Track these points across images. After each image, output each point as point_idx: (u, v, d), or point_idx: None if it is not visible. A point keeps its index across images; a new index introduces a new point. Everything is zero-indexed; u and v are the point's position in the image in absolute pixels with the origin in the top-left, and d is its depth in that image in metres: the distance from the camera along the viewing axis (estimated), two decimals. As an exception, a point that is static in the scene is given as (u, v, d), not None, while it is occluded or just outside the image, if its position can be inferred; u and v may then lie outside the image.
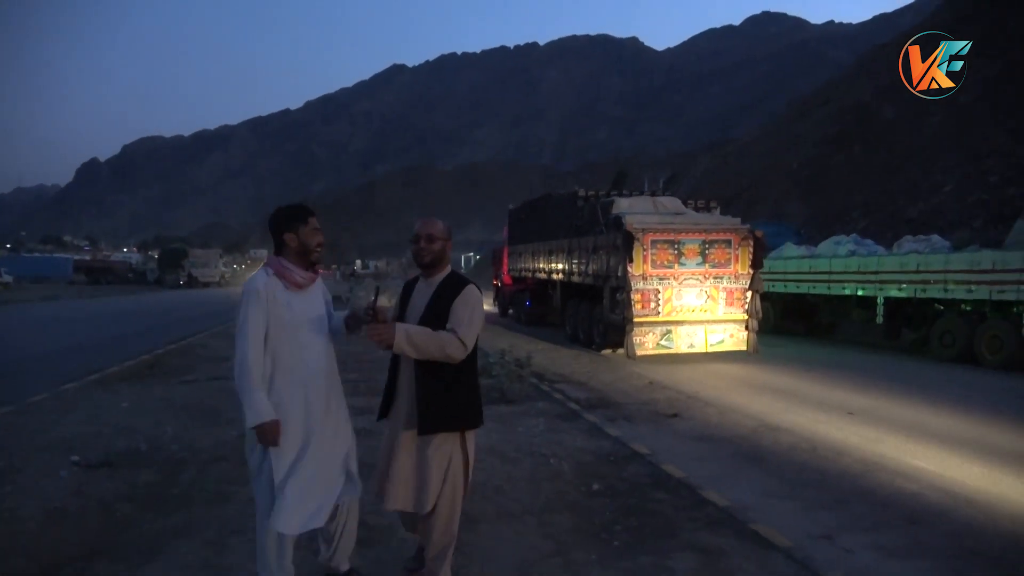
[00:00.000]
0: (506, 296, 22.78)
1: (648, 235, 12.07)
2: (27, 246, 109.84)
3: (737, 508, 4.64)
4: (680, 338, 12.33)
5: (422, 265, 3.25)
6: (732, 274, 12.40)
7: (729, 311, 12.39)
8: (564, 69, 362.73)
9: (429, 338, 3.00)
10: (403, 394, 3.19)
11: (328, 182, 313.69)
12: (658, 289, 12.14)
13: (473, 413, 3.25)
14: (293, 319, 3.11)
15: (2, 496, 4.63)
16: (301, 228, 3.17)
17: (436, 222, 3.28)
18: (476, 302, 3.18)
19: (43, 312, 25.33)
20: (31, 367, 11.23)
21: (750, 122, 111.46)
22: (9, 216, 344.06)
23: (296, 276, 3.15)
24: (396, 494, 3.12)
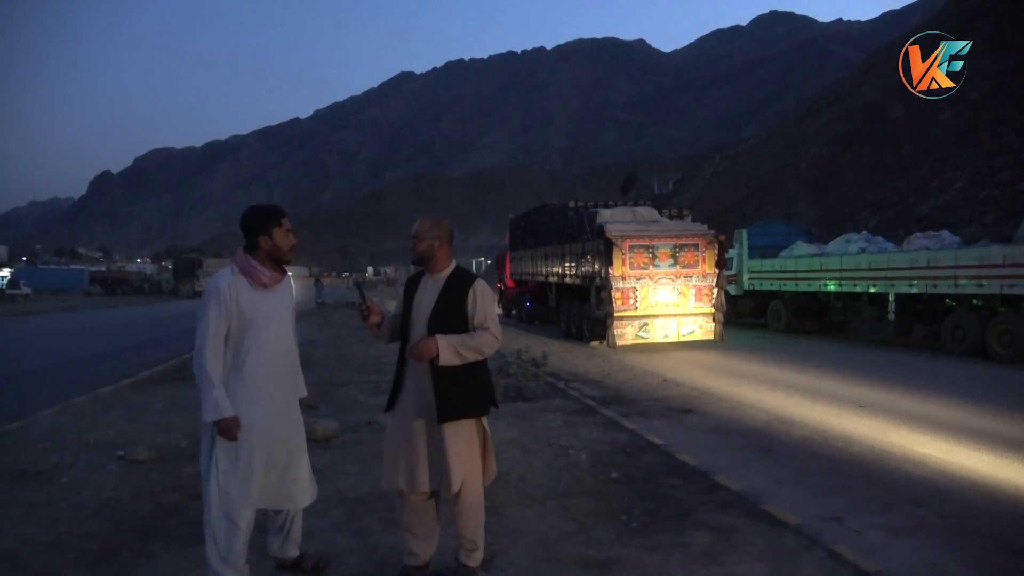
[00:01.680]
0: (509, 298, 24.51)
1: (626, 241, 13.97)
2: (43, 258, 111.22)
3: (749, 492, 4.88)
4: (656, 330, 14.17)
5: (413, 262, 3.39)
6: (700, 273, 14.27)
7: (698, 305, 14.25)
8: (571, 73, 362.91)
9: (470, 343, 3.15)
10: (414, 386, 3.27)
11: (338, 190, 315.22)
12: (636, 288, 14.00)
13: (487, 399, 3.37)
14: (257, 318, 3.13)
15: (59, 487, 4.94)
16: (275, 230, 3.20)
17: (425, 222, 3.36)
18: (490, 295, 3.38)
19: (65, 322, 25.83)
20: (64, 373, 11.60)
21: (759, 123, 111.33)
22: (24, 229, 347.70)
23: (262, 276, 3.17)
24: (421, 476, 3.22)
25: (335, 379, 9.80)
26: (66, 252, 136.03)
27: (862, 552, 3.83)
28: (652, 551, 3.90)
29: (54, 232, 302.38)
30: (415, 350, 3.12)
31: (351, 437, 6.37)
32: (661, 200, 62.45)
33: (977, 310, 12.83)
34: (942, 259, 13.26)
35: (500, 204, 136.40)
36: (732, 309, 20.41)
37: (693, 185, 58.32)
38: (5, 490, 4.89)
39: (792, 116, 58.18)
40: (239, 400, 3.10)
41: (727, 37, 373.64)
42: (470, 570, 3.45)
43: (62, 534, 4.12)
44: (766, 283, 18.88)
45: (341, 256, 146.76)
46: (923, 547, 4.13)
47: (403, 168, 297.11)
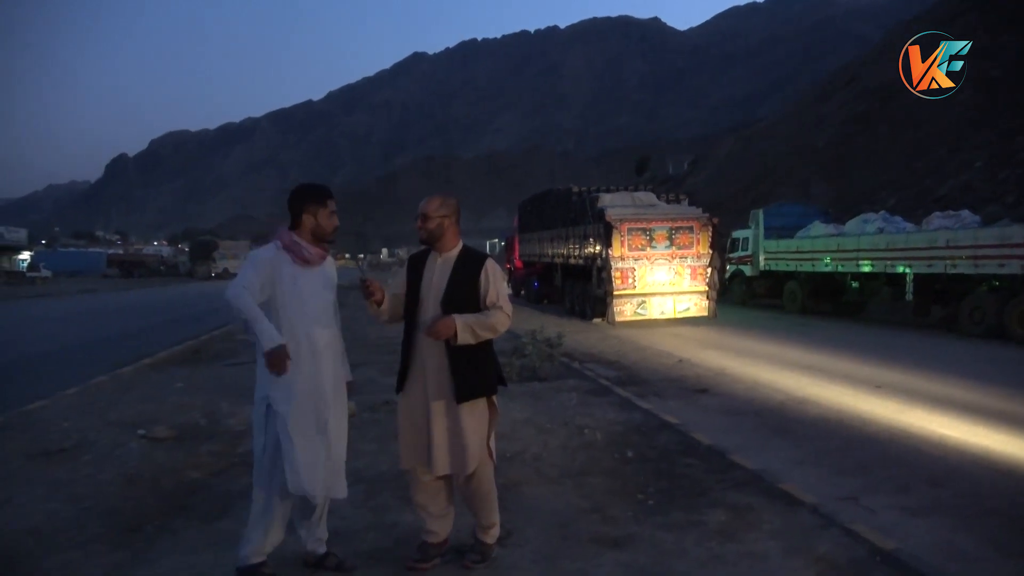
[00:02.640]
0: (518, 279, 25.45)
1: (624, 224, 14.80)
2: (61, 241, 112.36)
3: (765, 472, 4.87)
4: (653, 307, 15.09)
5: (421, 241, 3.35)
6: (695, 254, 15.13)
7: (693, 284, 15.17)
8: (585, 53, 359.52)
9: (484, 322, 3.15)
10: (425, 366, 3.24)
11: (350, 172, 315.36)
12: (634, 268, 14.86)
13: (498, 377, 3.40)
14: (298, 295, 3.12)
15: (83, 464, 5.04)
16: (320, 210, 3.20)
17: (434, 199, 3.32)
18: (501, 274, 3.36)
19: (84, 304, 26.14)
20: (84, 354, 11.77)
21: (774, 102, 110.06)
22: (43, 212, 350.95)
23: (305, 252, 3.15)
24: (444, 460, 3.21)
25: (350, 359, 9.84)
26: (84, 235, 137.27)
27: (878, 531, 3.83)
28: (668, 529, 3.92)
29: (72, 215, 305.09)
30: (433, 330, 3.09)
31: (368, 416, 6.42)
32: (675, 181, 62.00)
33: (996, 291, 12.67)
34: (961, 239, 13.10)
35: (513, 186, 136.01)
36: (747, 290, 20.35)
37: (708, 166, 57.83)
38: (30, 467, 4.98)
39: (808, 96, 57.45)
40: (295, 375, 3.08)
41: (744, 15, 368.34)
42: (487, 546, 3.47)
43: (86, 510, 4.20)
44: (782, 264, 18.74)
45: (355, 238, 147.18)
46: (939, 527, 4.12)
47: (415, 150, 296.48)
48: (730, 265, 21.41)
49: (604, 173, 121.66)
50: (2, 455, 5.23)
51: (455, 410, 3.18)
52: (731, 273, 21.39)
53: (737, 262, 20.97)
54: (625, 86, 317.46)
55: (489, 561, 3.45)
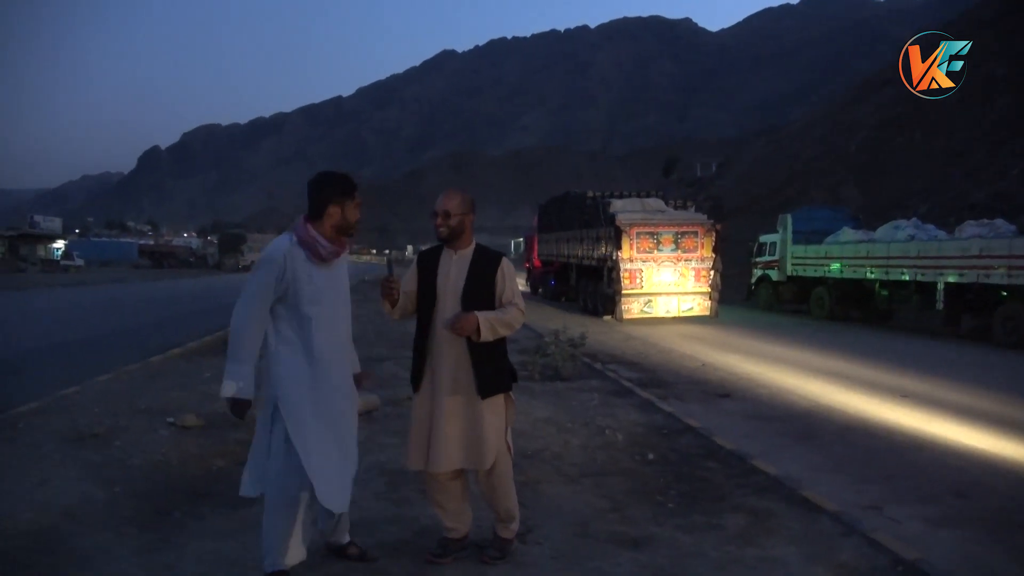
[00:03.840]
0: (536, 277, 26.78)
1: (634, 228, 16.00)
2: (94, 231, 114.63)
3: (786, 478, 4.85)
4: (658, 306, 16.29)
5: (440, 239, 3.30)
6: (699, 257, 16.28)
7: (696, 285, 16.31)
8: (615, 52, 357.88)
9: (503, 319, 3.18)
10: (443, 363, 3.21)
11: (377, 167, 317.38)
12: (641, 269, 16.07)
13: (512, 371, 3.44)
14: (313, 293, 2.98)
15: (115, 449, 5.17)
16: (348, 203, 3.05)
17: (455, 196, 3.28)
18: (514, 273, 3.39)
19: (116, 293, 26.68)
20: (116, 342, 12.03)
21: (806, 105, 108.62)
22: (77, 202, 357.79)
23: (321, 249, 2.98)
24: (452, 455, 3.18)
25: (374, 354, 9.96)
26: (115, 225, 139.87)
27: (901, 541, 3.80)
28: (687, 531, 3.93)
29: (104, 205, 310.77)
30: (457, 326, 3.09)
31: (391, 410, 6.49)
32: (703, 183, 61.56)
33: (1031, 301, 12.43)
34: (996, 248, 12.86)
35: (539, 185, 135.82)
36: (774, 294, 20.16)
37: (737, 168, 57.32)
38: (65, 450, 5.12)
39: (841, 99, 56.66)
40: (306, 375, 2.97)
41: (776, 16, 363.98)
42: (507, 542, 3.49)
43: (117, 494, 4.32)
44: (810, 269, 18.54)
45: (380, 234, 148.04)
46: (965, 539, 4.08)
47: (442, 147, 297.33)
48: (756, 269, 21.23)
49: (631, 173, 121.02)
50: (38, 438, 5.38)
51: (476, 406, 3.19)
52: (757, 278, 21.21)
53: (764, 266, 20.78)
54: (654, 86, 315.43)
55: (508, 557, 3.47)
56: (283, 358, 2.98)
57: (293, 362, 2.97)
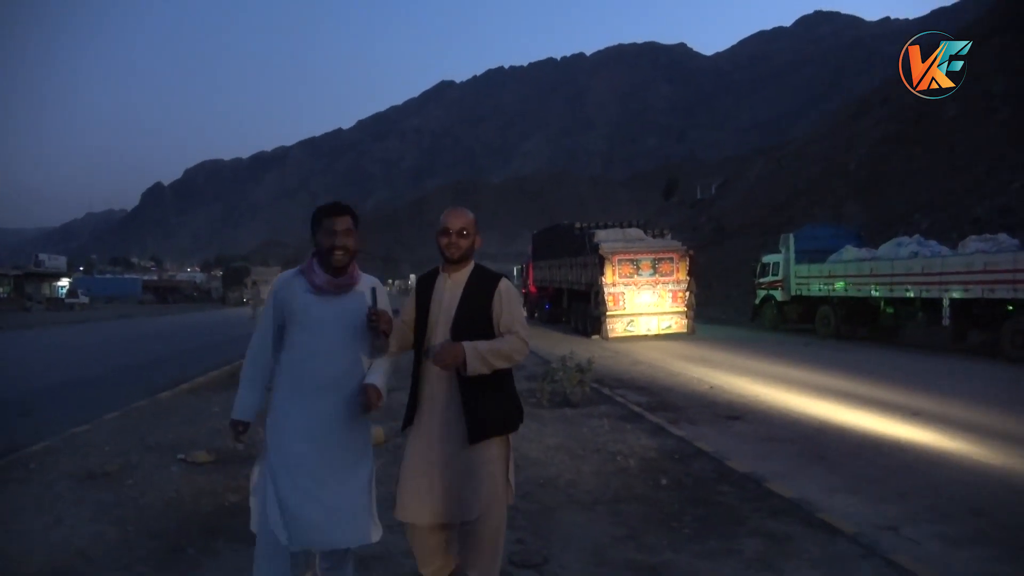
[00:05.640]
0: (532, 302, 28.06)
1: (616, 256, 17.97)
2: (98, 267, 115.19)
3: (802, 500, 4.82)
4: (640, 325, 18.10)
5: (452, 260, 2.97)
6: (675, 280, 18.17)
7: (673, 305, 18.16)
8: (611, 78, 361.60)
9: (499, 350, 2.80)
10: (435, 403, 2.91)
11: (380, 198, 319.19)
12: (624, 292, 17.93)
13: (516, 415, 3.01)
14: (307, 323, 2.83)
15: (127, 487, 5.16)
16: (317, 229, 2.89)
17: (467, 214, 2.99)
18: (517, 295, 3.02)
19: (122, 329, 26.74)
20: (123, 378, 12.03)
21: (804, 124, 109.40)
22: (81, 239, 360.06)
23: (316, 279, 2.86)
24: (435, 508, 2.86)
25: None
26: (120, 261, 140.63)
27: (921, 562, 3.77)
28: (705, 557, 3.90)
29: (109, 242, 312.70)
30: (439, 357, 2.75)
31: (401, 441, 6.46)
32: (704, 204, 61.79)
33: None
34: (1000, 263, 12.87)
35: (541, 210, 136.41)
36: (779, 315, 20.14)
37: (737, 189, 57.54)
38: (77, 489, 5.12)
39: (839, 117, 57.04)
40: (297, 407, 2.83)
41: (770, 38, 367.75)
42: None
43: (131, 532, 4.31)
44: (814, 288, 18.54)
45: (384, 263, 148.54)
46: (984, 558, 4.04)
47: (444, 175, 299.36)
48: (760, 290, 21.23)
49: (632, 196, 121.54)
50: (51, 478, 5.37)
51: (466, 451, 2.83)
52: (762, 298, 21.21)
53: (768, 287, 20.78)
54: (652, 110, 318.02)
55: None
56: (278, 386, 2.89)
57: (285, 392, 2.86)
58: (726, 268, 34.59)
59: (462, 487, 2.83)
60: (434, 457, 2.86)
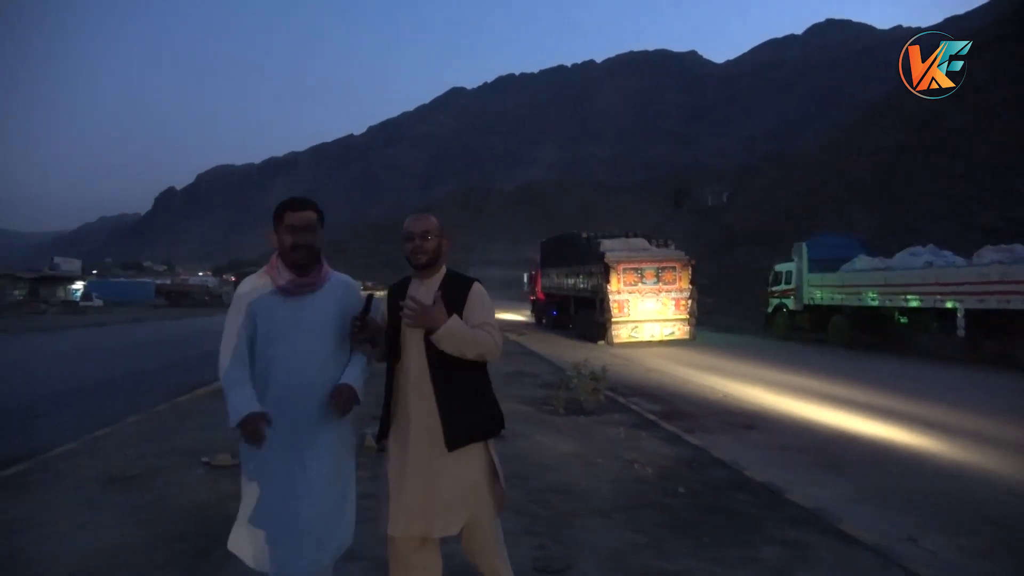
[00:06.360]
0: (540, 308, 29.04)
1: (620, 264, 18.65)
2: (112, 271, 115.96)
3: (819, 509, 4.85)
4: (643, 331, 18.75)
5: (419, 266, 2.89)
6: (678, 288, 18.84)
7: (676, 313, 18.83)
8: (621, 85, 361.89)
9: (474, 337, 2.69)
10: (410, 411, 2.80)
11: (390, 204, 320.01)
12: (628, 300, 18.60)
13: (496, 421, 2.90)
14: (273, 326, 2.71)
15: (150, 491, 5.24)
16: (278, 226, 2.76)
17: (429, 217, 2.93)
18: (490, 300, 2.89)
19: (137, 333, 26.94)
20: (141, 382, 12.17)
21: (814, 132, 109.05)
22: (95, 243, 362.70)
23: (279, 279, 2.75)
24: (412, 520, 2.73)
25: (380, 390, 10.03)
26: (132, 265, 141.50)
27: (940, 572, 3.79)
28: (724, 565, 3.93)
29: (122, 246, 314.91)
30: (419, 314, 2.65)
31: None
32: (715, 211, 61.73)
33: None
34: (1016, 273, 12.83)
35: (549, 218, 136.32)
36: (791, 324, 20.10)
37: (747, 196, 57.46)
38: (102, 492, 5.20)
39: (848, 124, 56.94)
40: None
41: (781, 46, 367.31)
42: None
43: (157, 535, 4.38)
44: (827, 297, 18.51)
45: (389, 269, 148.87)
46: (1002, 569, 4.06)
47: (453, 182, 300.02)
48: (772, 298, 21.20)
49: (641, 204, 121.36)
50: (76, 481, 5.46)
51: (444, 459, 2.73)
52: (774, 307, 21.18)
53: (780, 295, 20.75)
54: (662, 117, 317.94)
55: None
56: None
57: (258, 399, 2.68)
58: (736, 276, 34.56)
59: (445, 497, 2.73)
60: (414, 467, 2.75)
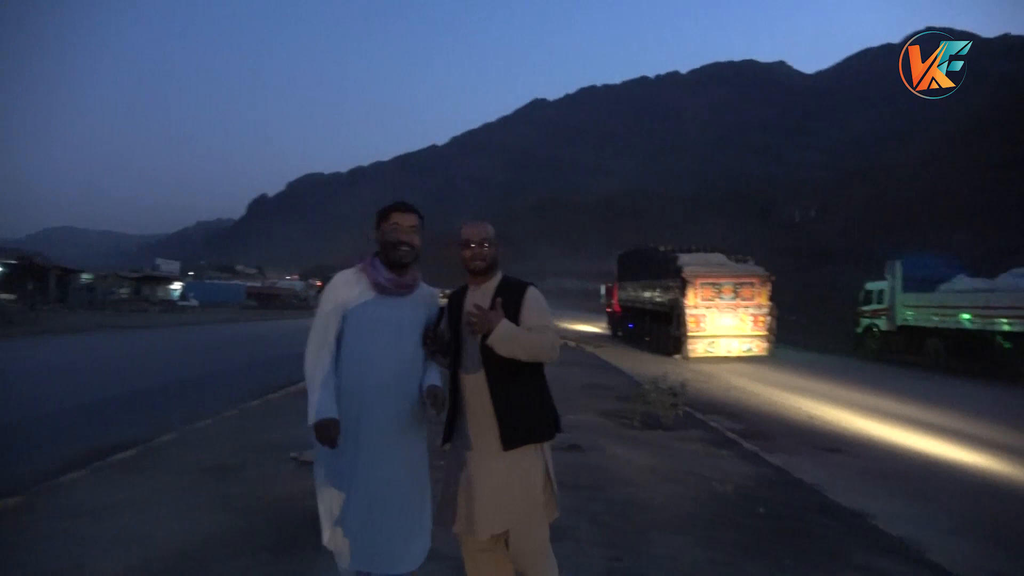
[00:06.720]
0: (616, 321, 29.23)
1: (698, 279, 18.86)
2: (207, 273, 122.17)
3: (908, 539, 4.68)
4: (720, 346, 18.89)
5: (475, 272, 2.95)
6: (756, 304, 18.90)
7: (754, 329, 18.91)
8: (706, 97, 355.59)
9: (529, 339, 2.73)
10: (469, 413, 2.88)
11: (469, 214, 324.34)
12: (705, 314, 18.73)
13: (550, 424, 2.94)
14: (363, 325, 2.77)
15: (246, 480, 5.55)
16: (383, 224, 2.86)
17: (486, 225, 3.00)
18: (545, 304, 2.93)
19: (230, 332, 28.33)
20: (235, 378, 12.85)
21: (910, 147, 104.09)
22: (193, 247, 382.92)
23: (379, 277, 2.81)
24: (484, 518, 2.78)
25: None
26: (225, 268, 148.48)
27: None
28: (805, 588, 3.86)
29: (217, 249, 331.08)
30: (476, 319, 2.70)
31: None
32: (802, 227, 59.74)
33: None
34: None
35: (628, 231, 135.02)
36: (883, 345, 19.29)
37: (838, 212, 55.37)
38: (202, 480, 5.55)
39: (950, 140, 54.09)
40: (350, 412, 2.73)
41: (877, 56, 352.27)
42: None
43: (251, 522, 4.65)
44: (922, 318, 17.66)
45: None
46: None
47: (533, 193, 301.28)
48: (863, 318, 20.40)
49: (725, 219, 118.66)
50: (178, 468, 5.84)
51: (498, 460, 2.79)
52: (864, 327, 20.36)
53: (871, 315, 19.93)
54: (748, 130, 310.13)
55: None
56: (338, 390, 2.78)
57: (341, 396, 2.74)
58: (823, 294, 33.35)
59: (492, 497, 2.78)
60: (470, 468, 2.83)
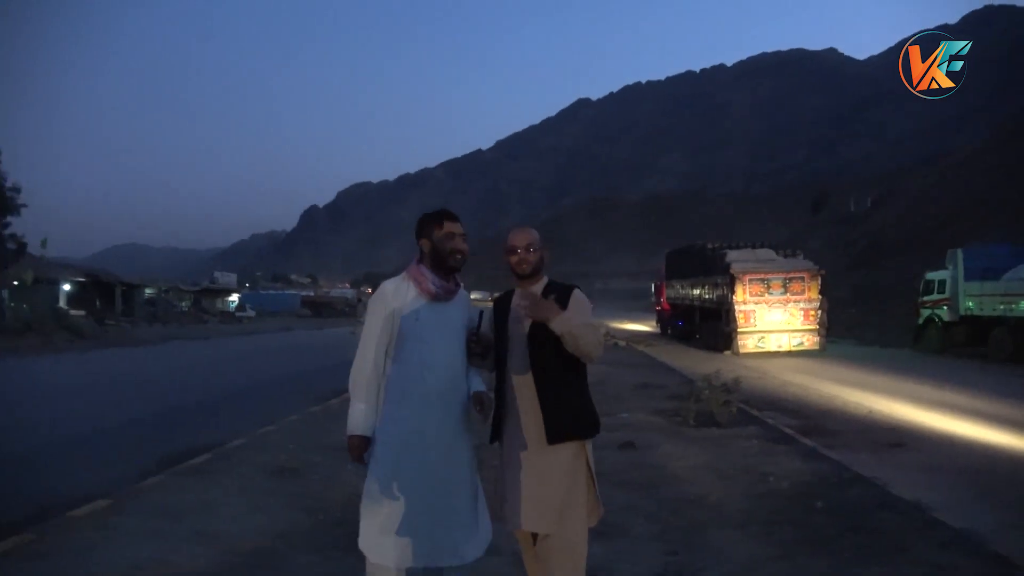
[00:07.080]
0: (665, 319, 29.61)
1: (746, 276, 19.13)
2: (262, 284, 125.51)
3: (971, 532, 4.59)
4: (770, 341, 19.08)
5: (522, 276, 2.99)
6: (806, 299, 19.06)
7: (805, 324, 19.01)
8: (754, 89, 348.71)
9: (584, 324, 2.80)
10: (515, 411, 2.93)
11: (517, 216, 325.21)
12: (754, 310, 18.95)
13: (593, 420, 3.00)
14: (418, 331, 2.81)
15: (311, 482, 5.81)
16: (434, 232, 2.90)
17: (531, 231, 3.07)
18: (589, 306, 3.00)
19: (286, 340, 29.17)
20: (295, 385, 13.32)
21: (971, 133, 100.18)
22: (248, 258, 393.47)
23: (429, 284, 2.85)
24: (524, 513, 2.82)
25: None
26: (280, 278, 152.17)
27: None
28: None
29: (271, 260, 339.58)
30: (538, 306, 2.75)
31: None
32: (858, 219, 58.16)
33: None
34: None
35: (678, 228, 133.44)
36: (945, 336, 18.73)
37: (896, 202, 53.71)
38: (271, 481, 5.82)
39: (1013, 124, 51.92)
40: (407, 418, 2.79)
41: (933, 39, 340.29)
42: None
43: (319, 521, 4.88)
44: (987, 308, 17.07)
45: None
46: None
47: (579, 193, 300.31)
48: (924, 309, 19.82)
49: (776, 214, 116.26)
50: (248, 470, 6.13)
51: (543, 456, 2.83)
52: (925, 318, 19.78)
53: (932, 306, 19.35)
54: (799, 121, 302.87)
55: None
56: (388, 398, 2.84)
57: (396, 403, 2.81)
58: (881, 287, 32.44)
59: (537, 491, 2.81)
60: (517, 463, 2.88)
